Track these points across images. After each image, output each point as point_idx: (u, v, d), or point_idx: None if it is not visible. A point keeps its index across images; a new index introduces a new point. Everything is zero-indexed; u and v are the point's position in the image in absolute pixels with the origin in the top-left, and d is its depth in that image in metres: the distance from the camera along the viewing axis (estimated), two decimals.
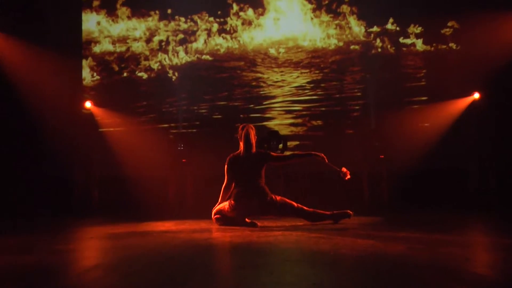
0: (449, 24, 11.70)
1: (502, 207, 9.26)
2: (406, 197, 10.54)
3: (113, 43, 12.12)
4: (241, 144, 6.94)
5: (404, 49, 11.78)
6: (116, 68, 12.12)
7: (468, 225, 6.92)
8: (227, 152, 7.18)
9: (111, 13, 12.14)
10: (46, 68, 11.38)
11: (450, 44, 11.68)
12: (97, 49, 12.12)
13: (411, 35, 11.75)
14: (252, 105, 11.84)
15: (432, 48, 11.72)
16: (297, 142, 11.58)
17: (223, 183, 7.03)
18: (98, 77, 12.08)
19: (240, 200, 6.72)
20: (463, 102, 10.97)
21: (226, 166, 6.93)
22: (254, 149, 6.97)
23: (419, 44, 11.72)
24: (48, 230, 7.10)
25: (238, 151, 7.00)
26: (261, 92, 11.88)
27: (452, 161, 11.06)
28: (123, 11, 12.11)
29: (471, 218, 7.65)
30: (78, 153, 10.69)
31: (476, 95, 10.57)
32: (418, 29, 11.73)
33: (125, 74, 12.10)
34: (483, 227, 6.65)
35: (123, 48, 12.12)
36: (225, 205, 6.88)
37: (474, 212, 8.47)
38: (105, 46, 12.12)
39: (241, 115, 11.68)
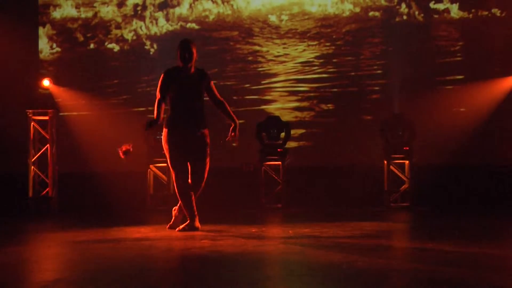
0: None
1: None
2: (433, 197, 10.57)
3: (77, 6, 12.09)
4: (178, 59, 7.22)
5: (436, 16, 11.76)
6: (81, 38, 12.10)
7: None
8: (218, 142, 7.25)
9: None
10: None
11: (493, 10, 11.66)
12: (57, 14, 12.09)
13: None
14: (248, 85, 11.84)
15: (471, 15, 11.70)
16: (303, 130, 11.60)
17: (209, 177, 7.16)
18: (58, 49, 12.06)
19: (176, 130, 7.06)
20: (508, 82, 10.97)
21: (160, 79, 7.19)
22: (193, 68, 7.28)
23: (454, 10, 11.70)
24: None
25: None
26: (259, 69, 11.87)
27: (493, 156, 11.07)
28: None
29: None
30: (33, 143, 10.67)
31: None
32: None
33: (91, 46, 12.08)
34: None
35: (90, 14, 12.09)
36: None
37: None
38: (67, 10, 12.09)
39: (234, 97, 11.67)
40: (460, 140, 10.88)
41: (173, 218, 7.36)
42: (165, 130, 7.13)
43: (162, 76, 7.21)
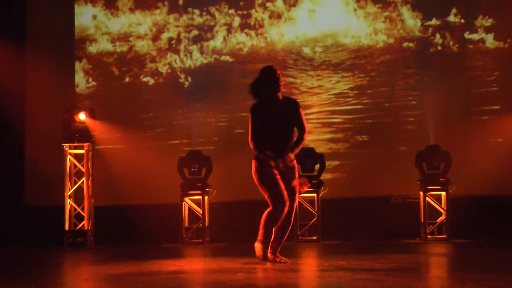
0: None
1: None
2: (470, 229, 10.46)
3: (113, 41, 12.27)
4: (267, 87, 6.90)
5: (471, 46, 11.73)
6: (116, 72, 12.26)
7: None
8: (251, 173, 7.23)
9: (110, 4, 12.31)
10: (30, 72, 11.58)
11: None
12: (93, 48, 12.28)
13: (479, 29, 11.72)
14: None
15: (506, 45, 11.66)
16: (338, 162, 11.57)
17: (247, 212, 7.14)
18: (94, 83, 12.23)
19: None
20: None
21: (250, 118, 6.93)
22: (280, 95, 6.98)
23: (490, 40, 11.67)
24: (32, 267, 7.19)
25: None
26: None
27: None
28: (124, 2, 12.27)
29: None
30: (70, 177, 10.78)
31: None
32: (488, 22, 11.69)
33: (127, 79, 12.23)
34: None
35: (125, 48, 12.26)
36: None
37: None
38: (102, 45, 12.28)
39: None
40: (497, 171, 10.79)
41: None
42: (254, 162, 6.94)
43: (251, 114, 6.95)
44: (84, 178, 10.66)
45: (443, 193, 10.57)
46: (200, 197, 10.79)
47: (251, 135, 6.90)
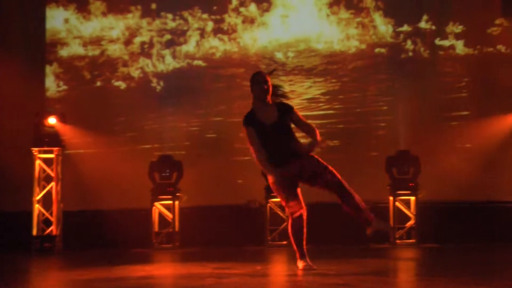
0: (497, 21, 11.75)
1: None
2: (439, 234, 10.52)
3: (84, 45, 12.20)
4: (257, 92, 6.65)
5: (441, 52, 11.81)
6: (88, 76, 12.19)
7: None
8: (223, 179, 7.20)
9: (82, 8, 12.23)
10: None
11: (498, 47, 11.71)
12: (64, 52, 12.19)
13: (449, 36, 11.80)
14: None
15: (476, 52, 11.75)
16: None
17: (218, 217, 7.10)
18: (65, 87, 12.14)
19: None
20: None
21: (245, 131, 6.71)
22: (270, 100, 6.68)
23: (460, 47, 11.76)
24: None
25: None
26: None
27: (499, 192, 11.02)
28: (97, 6, 12.20)
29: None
30: (38, 181, 10.68)
31: None
32: (459, 28, 11.78)
33: (98, 84, 12.16)
34: None
35: (97, 52, 12.19)
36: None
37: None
38: (74, 49, 12.20)
39: (241, 134, 11.70)
40: (465, 176, 10.86)
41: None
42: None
43: (244, 127, 6.75)
44: (53, 183, 10.59)
45: (412, 198, 10.63)
46: (170, 202, 10.76)
47: (254, 149, 6.72)
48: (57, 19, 12.21)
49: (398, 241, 10.45)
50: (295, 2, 12.03)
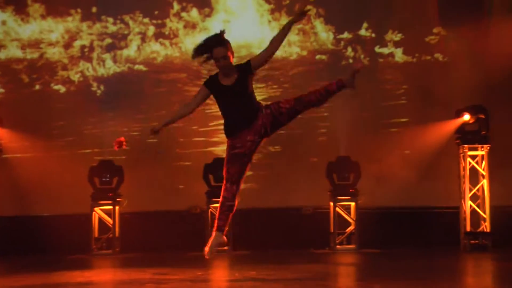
0: (435, 30, 11.96)
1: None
2: (379, 239, 10.64)
3: (23, 48, 12.00)
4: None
5: (381, 60, 11.96)
6: (26, 79, 11.99)
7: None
8: (164, 184, 7.16)
9: (21, 10, 12.03)
10: None
11: (436, 55, 11.92)
12: (1, 55, 11.97)
13: (389, 44, 11.97)
14: (195, 127, 11.82)
15: (414, 59, 11.94)
16: (250, 172, 11.46)
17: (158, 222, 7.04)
18: (2, 90, 11.92)
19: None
20: (450, 125, 11.13)
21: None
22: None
23: (399, 55, 11.93)
24: None
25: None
26: (207, 111, 11.87)
27: (438, 199, 11.21)
28: (35, 8, 12.02)
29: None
30: None
31: (466, 117, 10.75)
32: (398, 36, 11.96)
33: (37, 87, 11.97)
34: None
35: (35, 55, 12.00)
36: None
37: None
38: (12, 51, 11.99)
39: (182, 139, 11.68)
40: (404, 182, 11.01)
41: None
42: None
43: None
44: None
45: (352, 204, 10.74)
46: (111, 207, 10.66)
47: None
48: None
49: (338, 246, 10.54)
50: (237, 8, 12.06)
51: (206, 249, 6.04)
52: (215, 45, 6.04)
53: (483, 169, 10.38)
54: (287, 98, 6.33)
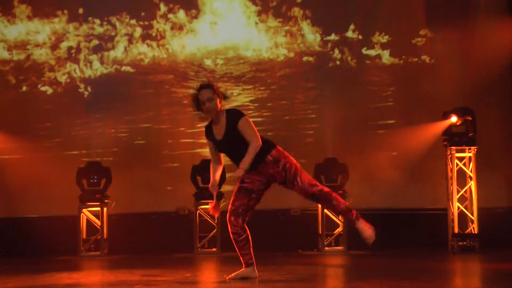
0: (422, 32, 12.00)
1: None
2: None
3: (9, 49, 11.96)
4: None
5: (368, 62, 12.00)
6: (13, 81, 11.95)
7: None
8: (152, 186, 7.16)
9: (7, 11, 11.99)
10: None
11: (423, 57, 11.96)
12: None
13: (376, 45, 12.00)
14: (183, 128, 11.82)
15: (401, 61, 11.98)
16: None
17: (146, 224, 7.04)
18: None
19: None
20: (437, 127, 11.17)
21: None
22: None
23: (386, 56, 11.97)
24: None
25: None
26: (194, 112, 11.88)
27: (426, 200, 11.25)
28: (22, 9, 11.98)
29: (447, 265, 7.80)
30: None
31: (453, 119, 10.79)
32: (385, 38, 12.00)
33: (24, 88, 11.94)
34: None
35: (22, 56, 11.97)
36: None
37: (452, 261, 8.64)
38: None
39: (169, 140, 11.68)
40: (391, 184, 11.05)
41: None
42: None
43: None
44: None
45: None
46: (98, 208, 10.63)
47: None
48: None
49: (326, 248, 10.55)
50: (224, 10, 12.06)
51: (232, 275, 6.27)
52: (201, 88, 6.28)
53: (471, 171, 10.41)
54: (311, 179, 6.51)
